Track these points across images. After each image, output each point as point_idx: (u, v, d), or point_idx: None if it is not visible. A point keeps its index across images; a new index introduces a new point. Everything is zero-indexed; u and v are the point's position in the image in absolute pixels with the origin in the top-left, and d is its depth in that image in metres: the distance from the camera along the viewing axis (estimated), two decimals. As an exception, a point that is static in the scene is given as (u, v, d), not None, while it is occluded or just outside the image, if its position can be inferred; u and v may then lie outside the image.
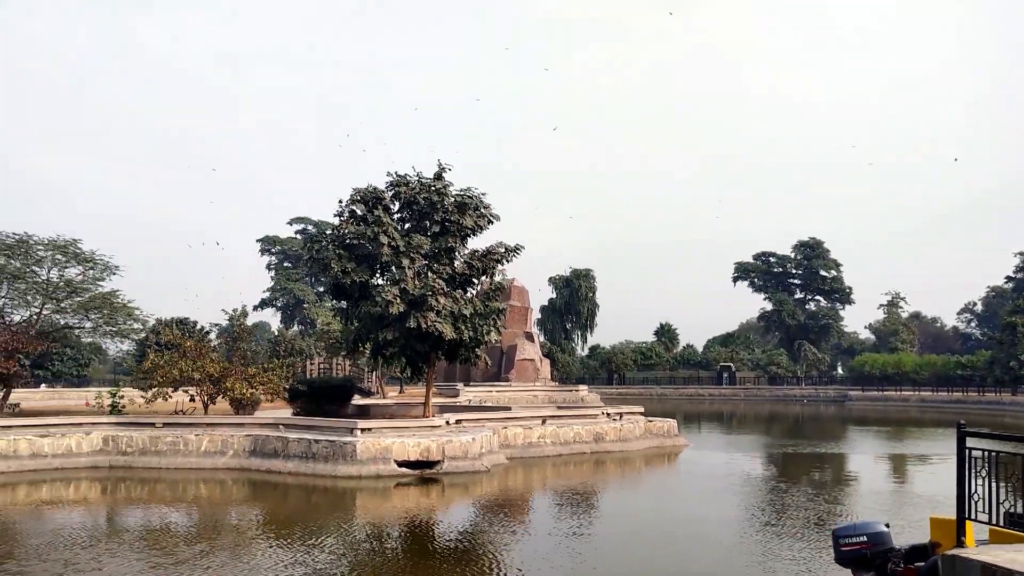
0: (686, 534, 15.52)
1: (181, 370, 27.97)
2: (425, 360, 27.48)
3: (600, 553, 13.72)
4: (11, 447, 23.55)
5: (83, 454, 24.65)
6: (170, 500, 19.86)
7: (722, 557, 13.41)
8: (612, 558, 13.30)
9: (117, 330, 36.68)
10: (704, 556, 13.56)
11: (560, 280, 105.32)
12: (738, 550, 13.90)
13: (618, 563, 12.99)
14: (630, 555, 13.62)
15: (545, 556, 13.38)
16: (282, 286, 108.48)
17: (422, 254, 25.76)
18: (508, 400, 49.73)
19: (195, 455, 24.40)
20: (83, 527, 16.28)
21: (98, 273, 35.10)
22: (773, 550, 13.68)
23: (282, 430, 24.19)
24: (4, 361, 26.85)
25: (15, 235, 33.71)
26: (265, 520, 17.31)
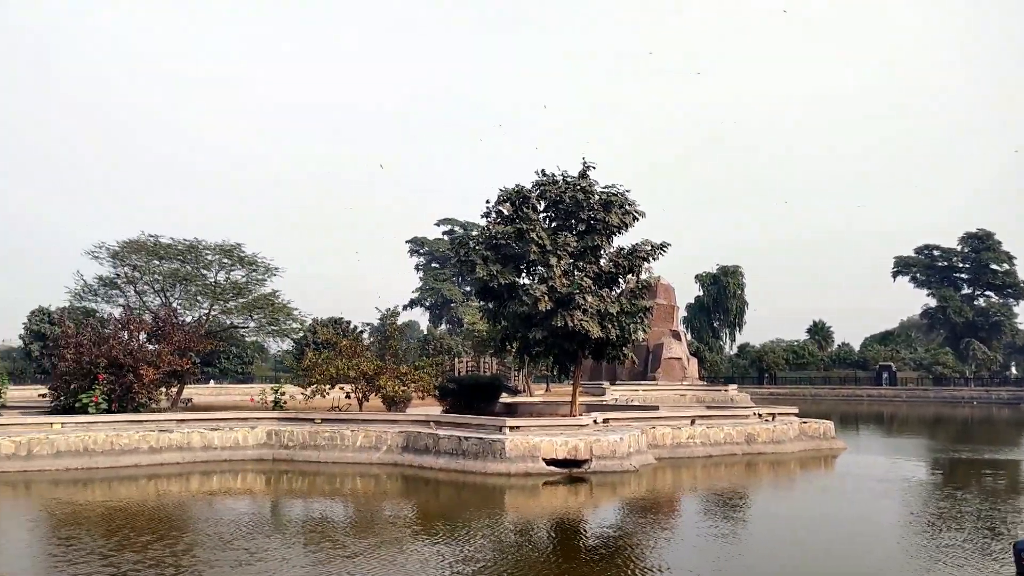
0: (843, 540, 14.83)
1: (337, 368, 29.05)
2: (572, 359, 27.48)
3: (751, 558, 13.33)
4: (185, 439, 25.14)
5: (249, 447, 26.03)
6: (329, 493, 20.67)
7: (884, 567, 12.73)
8: (764, 563, 12.89)
9: (278, 329, 38.55)
10: (864, 565, 12.91)
11: (707, 277, 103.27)
12: (901, 559, 13.17)
13: (771, 568, 12.57)
14: (783, 560, 13.17)
15: (694, 558, 13.11)
16: (430, 286, 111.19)
17: (568, 253, 25.76)
18: (655, 399, 49.15)
19: (351, 450, 25.29)
20: (254, 517, 17.15)
21: (260, 275, 37.02)
22: (941, 560, 12.88)
23: (433, 427, 24.73)
24: (178, 359, 28.59)
25: (186, 240, 36.00)
26: (418, 515, 17.74)
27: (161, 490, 20.58)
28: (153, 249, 35.46)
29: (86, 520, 16.08)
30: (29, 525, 16.17)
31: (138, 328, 29.38)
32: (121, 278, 36.21)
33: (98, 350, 26.61)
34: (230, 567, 12.10)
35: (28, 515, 17.33)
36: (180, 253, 35.70)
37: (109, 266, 36.05)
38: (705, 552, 13.63)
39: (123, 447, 24.06)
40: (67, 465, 22.77)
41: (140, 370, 26.64)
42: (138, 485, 21.13)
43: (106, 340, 27.31)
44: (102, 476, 22.11)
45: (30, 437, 23.00)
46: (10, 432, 23.01)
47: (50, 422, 24.03)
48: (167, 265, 35.73)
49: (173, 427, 25.21)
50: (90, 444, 23.65)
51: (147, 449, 24.36)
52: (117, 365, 26.55)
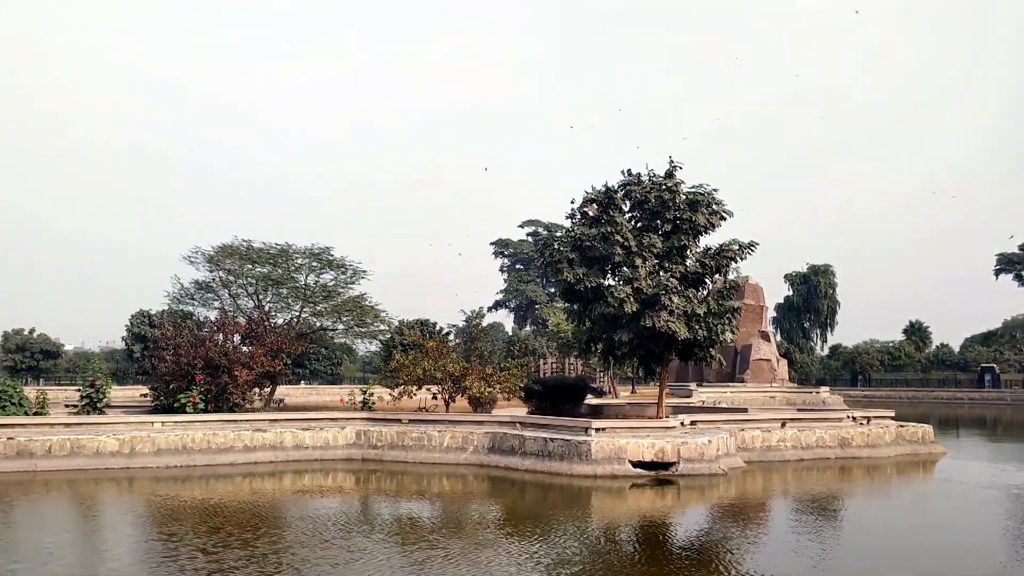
0: (946, 551, 14.27)
1: (424, 369, 29.38)
2: (658, 360, 27.19)
3: (847, 566, 12.94)
4: (278, 439, 25.78)
5: (339, 447, 26.54)
6: (418, 493, 20.89)
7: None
8: (862, 573, 12.50)
9: (366, 331, 39.26)
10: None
11: (797, 277, 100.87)
12: (1012, 570, 12.60)
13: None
14: (883, 571, 12.74)
15: (788, 564, 12.81)
16: (514, 287, 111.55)
17: (654, 253, 25.50)
18: (743, 401, 48.28)
19: (438, 451, 25.54)
20: (348, 516, 17.45)
21: (348, 277, 37.73)
22: (1054, 573, 12.28)
23: (519, 428, 24.79)
24: (270, 360, 29.36)
25: (277, 245, 36.94)
26: (506, 516, 17.80)
27: (255, 488, 21.15)
28: (246, 253, 36.48)
29: (187, 516, 16.62)
30: (135, 521, 16.80)
31: (232, 330, 30.27)
32: (216, 282, 37.39)
33: (195, 352, 27.52)
34: (331, 566, 12.31)
35: (133, 511, 18.01)
36: (271, 257, 36.65)
37: (205, 270, 37.29)
38: (799, 558, 13.31)
39: (219, 446, 24.82)
40: (167, 463, 23.61)
41: (235, 371, 27.46)
42: (233, 483, 21.76)
43: (202, 342, 28.22)
44: (200, 474, 22.84)
45: (132, 435, 23.93)
46: (115, 430, 23.99)
47: (151, 421, 24.96)
48: (259, 269, 36.72)
49: (266, 427, 25.89)
50: (188, 443, 24.47)
51: (242, 448, 25.07)
52: (213, 366, 27.41)
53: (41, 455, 22.80)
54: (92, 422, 24.53)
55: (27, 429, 23.47)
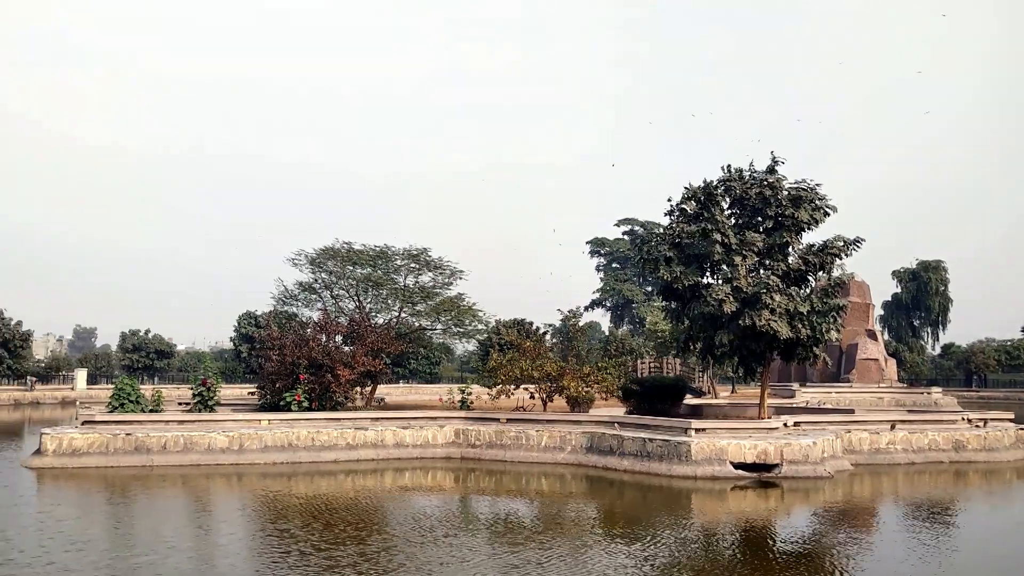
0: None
1: (522, 369, 29.48)
2: (759, 360, 26.60)
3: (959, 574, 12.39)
4: (379, 437, 26.27)
5: (438, 445, 26.86)
6: (518, 492, 20.98)
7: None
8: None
9: (464, 331, 39.53)
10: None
11: (905, 273, 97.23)
12: None
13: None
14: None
15: (898, 573, 12.33)
16: (611, 287, 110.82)
17: (754, 251, 24.93)
18: (849, 402, 46.83)
19: (536, 450, 25.59)
20: (452, 514, 17.69)
21: (446, 278, 38.09)
22: None
23: (617, 428, 24.62)
24: (371, 360, 29.92)
25: (376, 247, 37.58)
26: (605, 517, 17.71)
27: (358, 485, 21.61)
28: (347, 255, 37.22)
29: (297, 513, 17.07)
30: (247, 516, 17.36)
31: (335, 330, 30.98)
32: (318, 283, 38.29)
33: (299, 351, 28.27)
34: (440, 565, 12.42)
35: (245, 506, 18.63)
36: (371, 259, 37.29)
37: (308, 272, 38.21)
38: (911, 567, 12.80)
39: (322, 443, 25.44)
40: (273, 459, 24.33)
41: (337, 370, 28.09)
42: (336, 480, 22.28)
43: (306, 342, 28.96)
44: (304, 470, 23.45)
45: (241, 432, 24.75)
46: (224, 427, 24.86)
47: (258, 419, 25.77)
48: (360, 270, 37.41)
49: (368, 425, 26.41)
50: (293, 440, 25.16)
51: (344, 446, 25.64)
52: (316, 365, 28.12)
53: (157, 450, 23.81)
54: (203, 419, 25.48)
55: (144, 426, 24.54)
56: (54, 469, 22.53)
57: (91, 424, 24.24)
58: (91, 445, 23.53)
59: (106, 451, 23.52)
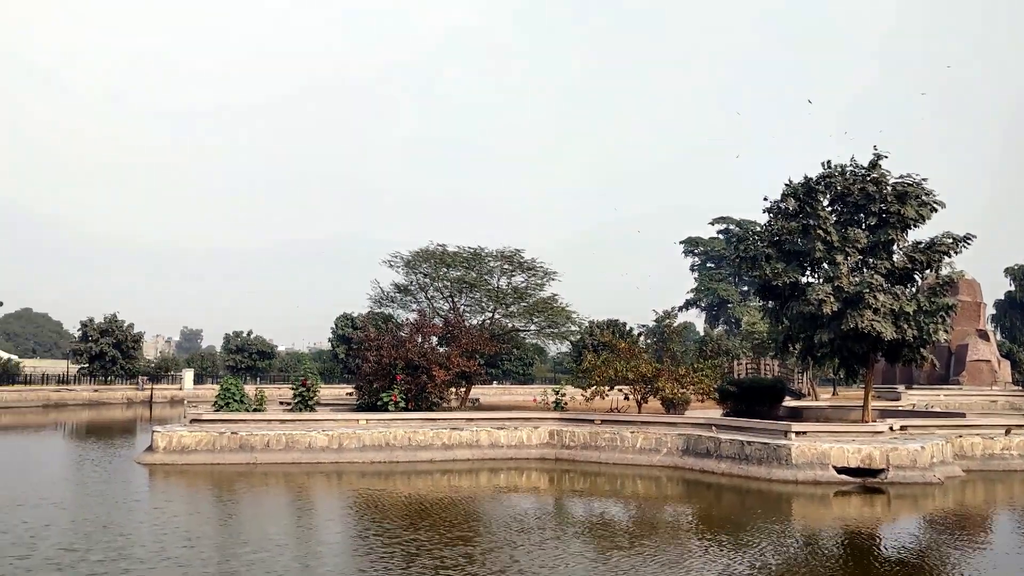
0: None
1: (616, 370, 29.26)
2: (861, 361, 25.72)
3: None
4: (474, 437, 26.47)
5: (532, 446, 26.91)
6: (612, 494, 20.85)
7: None
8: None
9: (557, 332, 39.53)
10: None
11: (1019, 271, 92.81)
12: None
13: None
14: None
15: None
16: (705, 286, 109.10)
17: (857, 249, 24.13)
18: (959, 405, 44.94)
19: (631, 452, 25.37)
20: (550, 516, 17.71)
21: (539, 279, 38.14)
22: None
23: (714, 430, 24.21)
24: (466, 360, 30.16)
25: (470, 248, 37.91)
26: (700, 519, 17.43)
27: (454, 485, 21.83)
28: (441, 257, 37.67)
29: (398, 512, 17.30)
30: (351, 514, 17.71)
31: (430, 332, 31.35)
32: (413, 285, 38.85)
33: (396, 352, 28.71)
34: (546, 569, 12.38)
35: (348, 505, 19.02)
36: (465, 260, 37.64)
37: (403, 274, 38.81)
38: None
39: (419, 443, 25.78)
40: (371, 458, 24.77)
41: (433, 371, 28.41)
42: (433, 479, 22.54)
43: (403, 343, 29.38)
44: (401, 470, 23.81)
45: (340, 432, 25.28)
46: (324, 427, 25.43)
47: (356, 418, 26.28)
48: (454, 272, 37.81)
49: (463, 425, 26.64)
50: (390, 439, 25.57)
51: (440, 446, 25.92)
52: (412, 366, 28.50)
53: (260, 449, 24.53)
54: (304, 419, 26.11)
55: (248, 424, 25.31)
56: (165, 465, 23.45)
57: (199, 423, 25.15)
58: (199, 443, 24.41)
59: (213, 449, 24.35)
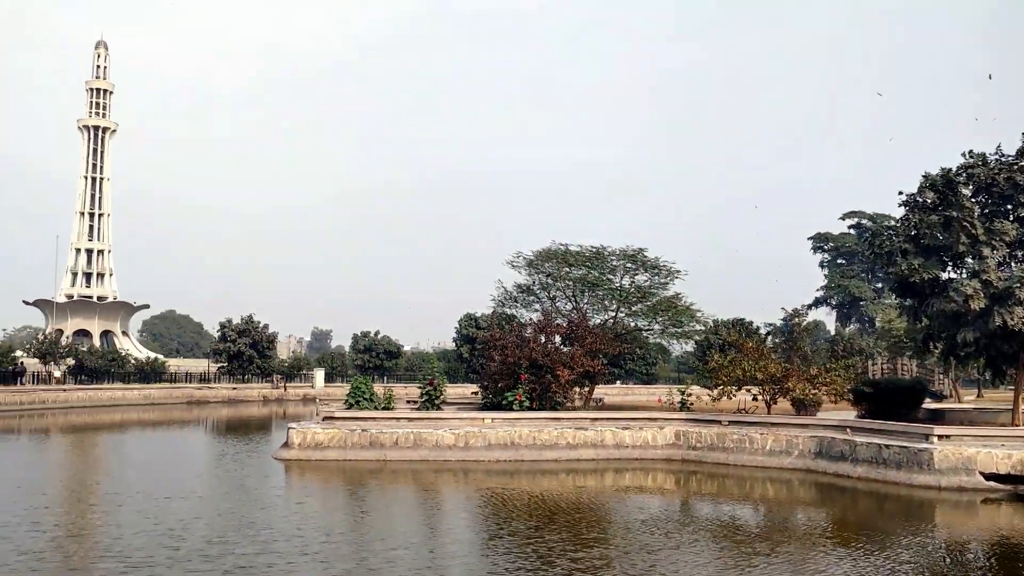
0: None
1: (744, 370, 28.58)
2: (1010, 361, 24.23)
3: None
4: (599, 437, 26.36)
5: (657, 447, 26.61)
6: (742, 497, 20.37)
7: None
8: None
9: (681, 331, 38.91)
10: None
11: None
12: None
13: None
14: None
15: None
16: (836, 284, 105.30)
17: (1005, 242, 22.71)
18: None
19: (760, 453, 24.75)
20: (680, 518, 17.50)
21: (662, 278, 37.62)
22: None
23: (848, 433, 23.33)
24: (590, 360, 30.08)
25: (592, 247, 37.75)
26: (835, 525, 16.82)
27: (580, 484, 21.79)
28: (563, 257, 37.67)
29: (526, 512, 17.40)
30: (484, 513, 17.85)
31: (554, 331, 31.39)
32: (536, 285, 38.99)
33: (520, 352, 28.87)
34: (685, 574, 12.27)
35: (477, 503, 19.22)
36: (587, 260, 37.51)
37: (525, 274, 39.01)
38: None
39: (543, 442, 25.85)
40: (496, 457, 25.00)
41: (557, 371, 28.44)
42: (558, 479, 22.57)
43: (527, 343, 29.53)
44: (527, 469, 23.94)
45: (466, 431, 25.63)
46: (451, 425, 25.84)
47: (481, 417, 26.59)
48: (576, 271, 37.75)
49: (587, 425, 26.57)
50: (515, 438, 25.75)
51: (565, 445, 25.93)
52: (537, 366, 28.60)
53: (389, 446, 25.13)
54: (431, 417, 26.61)
55: (377, 422, 25.97)
56: (299, 461, 24.33)
57: (331, 420, 25.99)
58: (331, 439, 25.21)
59: (344, 445, 25.11)
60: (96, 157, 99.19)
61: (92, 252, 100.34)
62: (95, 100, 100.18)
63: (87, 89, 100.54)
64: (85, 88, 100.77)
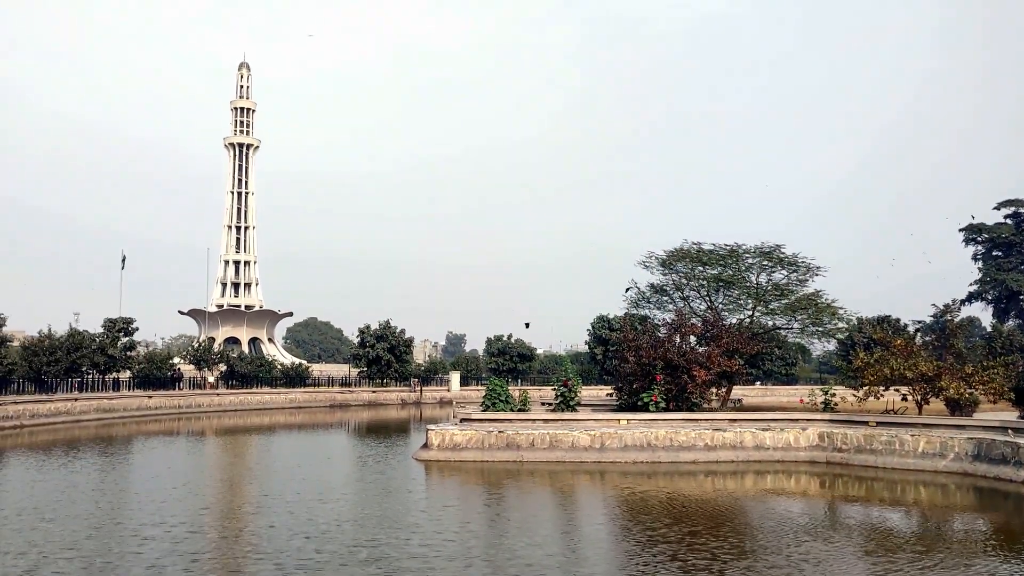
0: None
1: (892, 368, 27.32)
2: None
3: None
4: (738, 439, 25.73)
5: (800, 448, 25.75)
6: (893, 502, 19.45)
7: None
8: None
9: (823, 330, 37.50)
10: None
11: None
12: None
13: None
14: None
15: None
16: (992, 277, 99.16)
17: None
18: None
19: (911, 456, 23.59)
20: (828, 523, 16.94)
21: (801, 275, 36.36)
22: None
23: (1010, 434, 21.93)
24: (726, 360, 29.42)
25: (727, 245, 36.89)
26: (998, 532, 15.81)
27: (720, 487, 21.34)
28: (696, 256, 36.97)
29: (667, 514, 17.18)
30: (622, 519, 17.68)
31: (689, 331, 30.87)
32: (669, 285, 38.44)
33: (655, 353, 28.53)
34: None
35: (616, 506, 19.11)
36: (721, 258, 36.68)
37: (659, 274, 38.51)
38: None
39: (680, 444, 25.44)
40: (633, 458, 24.77)
41: (693, 371, 27.95)
42: (697, 480, 22.18)
43: (661, 343, 29.16)
44: (664, 470, 23.62)
45: (602, 432, 25.51)
46: (586, 427, 25.78)
47: (617, 418, 26.40)
48: (710, 270, 37.00)
49: (726, 426, 25.98)
50: (652, 440, 25.45)
51: (702, 446, 25.44)
52: (672, 366, 28.19)
53: (526, 447, 25.29)
54: (566, 419, 26.62)
55: (513, 424, 26.19)
56: (439, 462, 24.81)
57: (468, 422, 26.39)
58: (469, 441, 25.59)
59: (482, 446, 25.44)
60: (241, 173, 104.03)
61: (239, 263, 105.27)
62: (239, 119, 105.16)
63: (232, 108, 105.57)
64: (230, 107, 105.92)
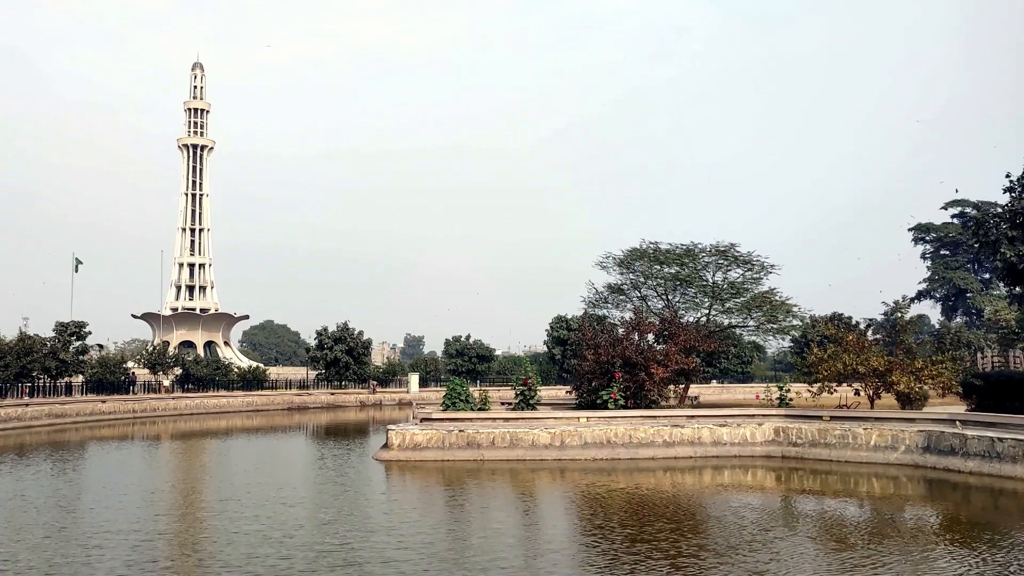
0: None
1: (845, 364, 27.88)
2: None
3: None
4: (696, 435, 26.09)
5: (756, 443, 26.18)
6: (846, 493, 19.84)
7: None
8: None
9: (777, 327, 38.10)
10: None
11: None
12: None
13: None
14: None
15: None
16: (939, 275, 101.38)
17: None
18: None
19: (864, 449, 24.11)
20: (784, 515, 17.25)
21: (755, 273, 36.92)
22: None
23: (958, 427, 22.52)
24: (684, 358, 29.80)
25: (683, 245, 37.35)
26: (947, 522, 16.23)
27: (677, 482, 21.60)
28: (654, 255, 37.39)
29: (628, 510, 17.43)
30: (575, 511, 17.94)
31: (647, 330, 31.20)
32: (626, 284, 38.80)
33: (614, 351, 28.80)
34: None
35: (569, 500, 19.30)
36: (678, 257, 37.13)
37: (616, 274, 38.85)
38: None
39: (639, 440, 25.73)
40: (592, 455, 24.98)
41: (651, 368, 28.26)
42: (656, 476, 22.42)
43: (620, 341, 29.43)
44: (624, 467, 23.84)
45: (562, 430, 25.68)
46: (546, 425, 25.94)
47: (577, 416, 26.62)
48: (667, 269, 37.42)
49: (684, 423, 26.33)
50: (611, 437, 25.69)
51: (661, 443, 25.75)
52: (630, 364, 28.48)
53: (486, 446, 25.38)
54: (526, 417, 26.76)
55: (474, 423, 26.27)
56: (399, 461, 24.79)
57: (428, 421, 26.39)
58: (429, 440, 25.61)
59: (442, 446, 25.47)
60: (195, 174, 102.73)
61: (194, 266, 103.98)
62: (193, 119, 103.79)
63: (185, 109, 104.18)
64: (183, 108, 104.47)
